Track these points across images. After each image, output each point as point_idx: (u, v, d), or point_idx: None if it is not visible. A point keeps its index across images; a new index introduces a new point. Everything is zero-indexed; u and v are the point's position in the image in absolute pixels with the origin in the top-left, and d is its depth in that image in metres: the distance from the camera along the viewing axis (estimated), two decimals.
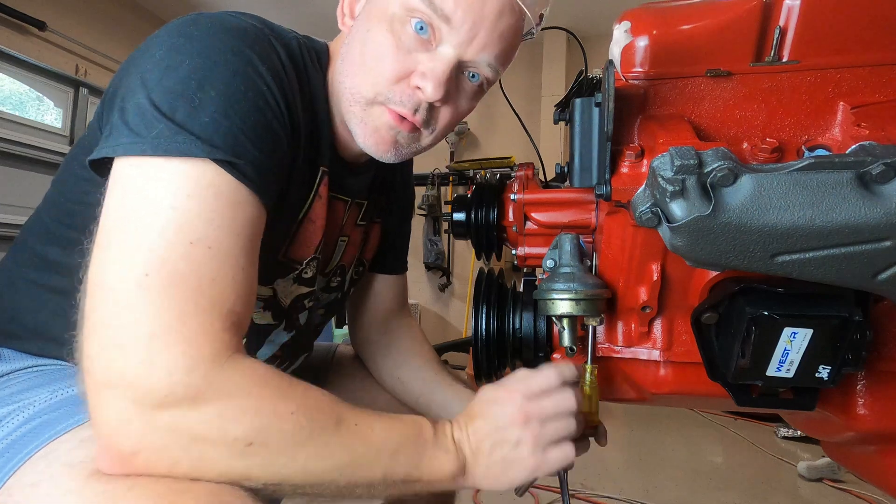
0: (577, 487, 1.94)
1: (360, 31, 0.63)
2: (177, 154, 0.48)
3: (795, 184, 0.42)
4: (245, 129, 0.51)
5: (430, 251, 4.63)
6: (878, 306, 0.57)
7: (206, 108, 0.50)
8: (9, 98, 3.48)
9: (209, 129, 0.49)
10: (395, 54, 0.60)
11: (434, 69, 0.59)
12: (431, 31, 0.59)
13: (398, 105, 0.62)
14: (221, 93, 0.51)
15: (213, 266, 0.48)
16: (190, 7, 4.27)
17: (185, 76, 0.50)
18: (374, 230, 0.89)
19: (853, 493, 1.97)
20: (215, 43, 0.53)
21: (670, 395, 0.67)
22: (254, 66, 0.54)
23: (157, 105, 0.49)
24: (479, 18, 0.59)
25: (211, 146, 0.49)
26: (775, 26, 0.55)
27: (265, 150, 0.53)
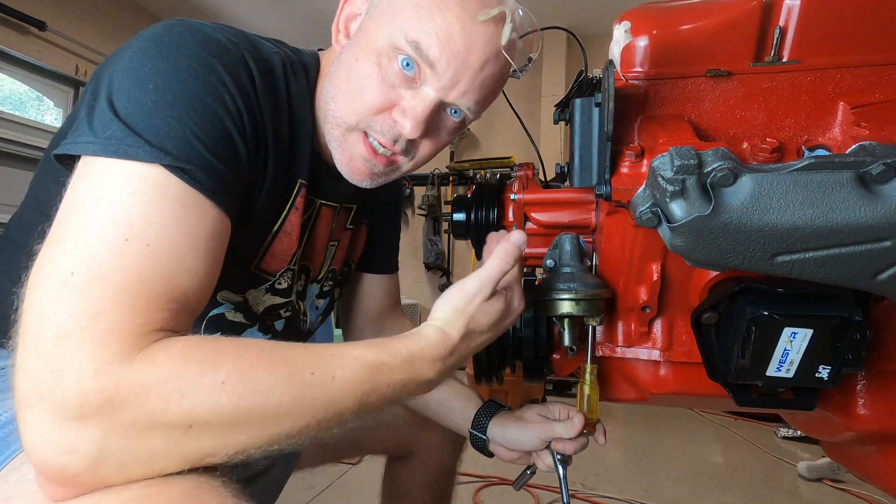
0: (577, 487, 1.94)
1: (349, 57, 0.63)
2: (124, 157, 0.48)
3: (795, 184, 0.42)
4: (200, 134, 0.51)
5: (430, 251, 4.63)
6: (878, 306, 0.57)
7: (159, 112, 0.50)
8: (9, 98, 3.48)
9: (160, 133, 0.49)
10: (380, 86, 0.61)
11: (415, 108, 0.61)
12: (417, 69, 0.60)
13: (378, 134, 0.63)
14: (178, 97, 0.51)
15: (146, 264, 0.45)
16: (190, 7, 4.27)
17: (145, 79, 0.51)
18: (361, 231, 0.89)
19: (853, 493, 1.97)
20: (182, 50, 0.53)
21: (670, 395, 0.67)
22: (218, 75, 0.54)
23: (115, 106, 0.50)
24: (462, 67, 0.60)
25: (160, 150, 0.48)
26: (775, 26, 0.55)
27: (221, 158, 0.53)
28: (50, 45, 3.57)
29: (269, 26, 4.57)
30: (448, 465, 1.01)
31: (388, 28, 0.60)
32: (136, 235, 0.46)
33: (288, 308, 0.77)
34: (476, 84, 0.62)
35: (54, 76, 3.56)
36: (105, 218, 0.45)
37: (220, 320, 0.71)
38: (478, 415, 0.82)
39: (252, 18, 4.46)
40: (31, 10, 3.35)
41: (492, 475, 2.02)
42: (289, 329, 0.80)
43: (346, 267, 0.89)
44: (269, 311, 0.75)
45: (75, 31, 3.71)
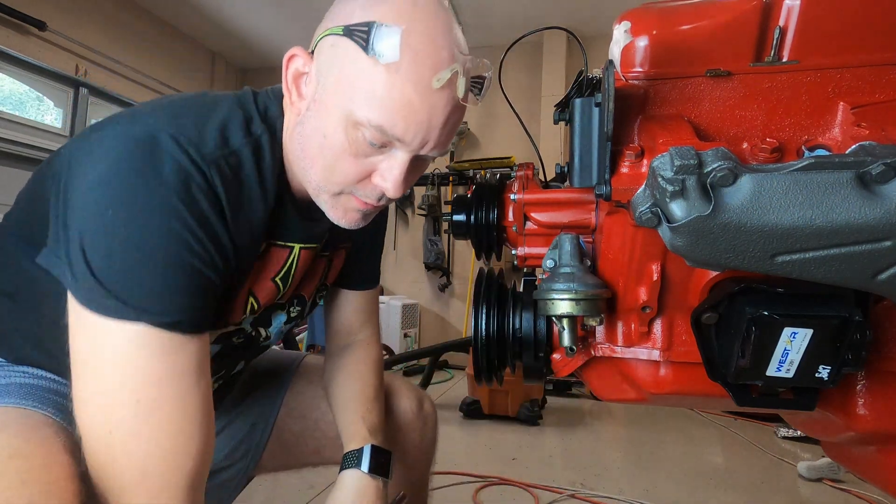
0: (577, 487, 1.94)
1: (317, 127, 0.63)
2: (110, 316, 0.54)
3: (795, 184, 0.42)
4: (172, 284, 0.56)
5: (430, 251, 4.63)
6: (878, 306, 0.57)
7: (131, 272, 0.54)
8: (9, 98, 3.48)
9: (135, 294, 0.54)
10: (353, 162, 0.63)
11: (392, 170, 0.63)
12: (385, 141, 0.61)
13: (363, 196, 0.66)
14: (146, 253, 0.54)
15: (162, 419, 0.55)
16: (190, 7, 4.26)
17: (111, 232, 0.54)
18: (337, 256, 0.89)
19: (853, 493, 1.97)
20: (143, 194, 0.55)
21: (670, 395, 0.67)
22: (180, 218, 0.56)
23: (87, 257, 0.54)
24: (428, 130, 0.61)
25: (139, 310, 0.54)
26: (775, 26, 0.55)
27: (195, 295, 0.58)
28: (50, 45, 3.58)
29: (270, 26, 4.57)
30: (416, 478, 0.99)
31: (348, 105, 0.59)
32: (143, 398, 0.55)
33: (240, 335, 0.79)
34: (443, 137, 0.63)
35: (54, 76, 3.56)
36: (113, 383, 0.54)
37: None
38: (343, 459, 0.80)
39: (252, 18, 4.45)
40: (31, 10, 3.36)
41: (492, 475, 2.02)
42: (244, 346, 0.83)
43: (321, 290, 0.90)
44: (220, 338, 0.77)
45: (75, 31, 3.71)
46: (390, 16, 0.58)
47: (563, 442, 2.52)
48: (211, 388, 0.61)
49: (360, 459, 0.78)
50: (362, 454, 0.79)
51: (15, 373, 0.68)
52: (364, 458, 0.78)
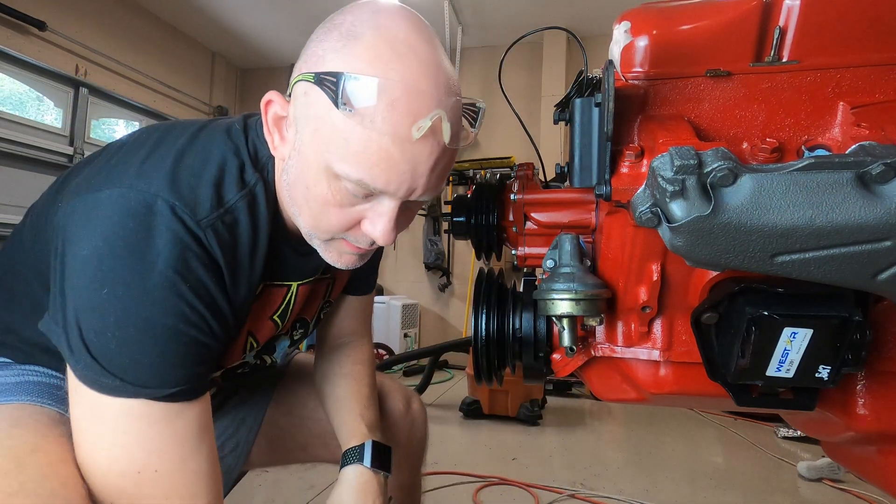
0: (577, 487, 1.94)
1: (300, 177, 0.60)
2: (104, 392, 0.54)
3: (795, 184, 0.42)
4: (169, 357, 0.55)
5: (430, 251, 4.63)
6: (878, 306, 0.57)
7: (126, 350, 0.54)
8: (9, 98, 3.49)
9: (130, 371, 0.54)
10: (339, 212, 0.60)
11: (381, 218, 0.60)
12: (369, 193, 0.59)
13: (355, 242, 0.64)
14: (140, 329, 0.54)
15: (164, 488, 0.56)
16: (190, 7, 4.26)
17: (105, 310, 0.53)
18: (339, 276, 0.88)
19: (853, 493, 1.97)
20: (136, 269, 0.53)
21: (670, 395, 0.67)
22: (175, 290, 0.54)
23: (83, 333, 0.54)
24: (413, 178, 0.57)
25: (136, 386, 0.54)
26: (775, 26, 0.55)
27: (193, 363, 0.58)
28: (50, 45, 3.58)
29: (270, 26, 4.56)
30: (406, 479, 0.99)
31: (325, 156, 0.56)
32: (143, 467, 0.55)
33: (245, 367, 0.80)
34: (433, 182, 0.59)
35: (54, 76, 3.56)
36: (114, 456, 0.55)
37: None
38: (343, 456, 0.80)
39: (252, 18, 4.45)
40: (31, 10, 3.36)
41: (492, 475, 2.02)
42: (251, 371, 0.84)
43: (325, 307, 0.90)
44: (226, 373, 0.78)
45: (75, 31, 3.71)
46: (364, 61, 0.54)
47: (563, 442, 2.52)
48: (215, 447, 0.62)
49: (363, 455, 0.78)
50: (364, 450, 0.79)
51: (26, 371, 0.69)
52: (366, 454, 0.78)
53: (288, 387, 0.98)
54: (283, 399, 0.97)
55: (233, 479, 0.99)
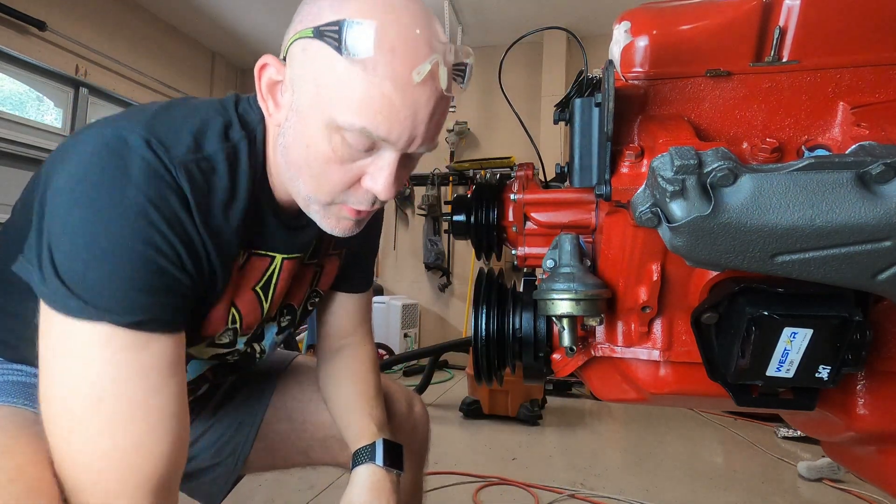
0: (577, 487, 1.94)
1: (299, 137, 0.61)
2: (71, 315, 0.53)
3: (795, 184, 0.42)
4: (136, 283, 0.54)
5: (430, 251, 4.63)
6: (878, 306, 0.57)
7: (93, 272, 0.53)
8: (9, 98, 3.48)
9: (97, 293, 0.53)
10: (340, 168, 0.61)
11: (382, 171, 0.61)
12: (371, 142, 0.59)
13: (356, 204, 0.64)
14: (108, 251, 0.53)
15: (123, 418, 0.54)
16: (190, 7, 4.26)
17: (75, 232, 0.53)
18: (330, 263, 0.88)
19: (853, 493, 1.97)
20: (108, 193, 0.54)
21: (670, 395, 0.67)
22: (146, 216, 0.55)
23: (53, 258, 0.54)
24: (413, 126, 0.58)
25: (103, 310, 0.53)
26: (775, 26, 0.55)
27: (162, 293, 0.57)
28: (50, 45, 3.57)
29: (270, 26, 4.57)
30: (408, 483, 0.98)
31: (327, 111, 0.57)
32: (106, 396, 0.53)
33: (235, 354, 0.79)
34: (431, 131, 0.61)
35: (54, 76, 3.56)
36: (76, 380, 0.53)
37: None
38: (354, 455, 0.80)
39: (252, 18, 4.45)
40: (31, 10, 3.35)
41: (492, 475, 2.02)
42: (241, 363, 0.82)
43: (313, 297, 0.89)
44: (214, 357, 0.77)
45: (75, 31, 3.71)
46: (361, 11, 0.55)
47: (563, 442, 2.52)
48: (185, 388, 0.60)
49: (374, 454, 0.78)
50: (375, 449, 0.79)
51: (9, 371, 0.68)
52: (378, 452, 0.78)
53: (287, 392, 0.97)
54: (282, 404, 0.96)
55: (231, 483, 0.99)
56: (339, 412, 0.87)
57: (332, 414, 0.89)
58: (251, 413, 0.96)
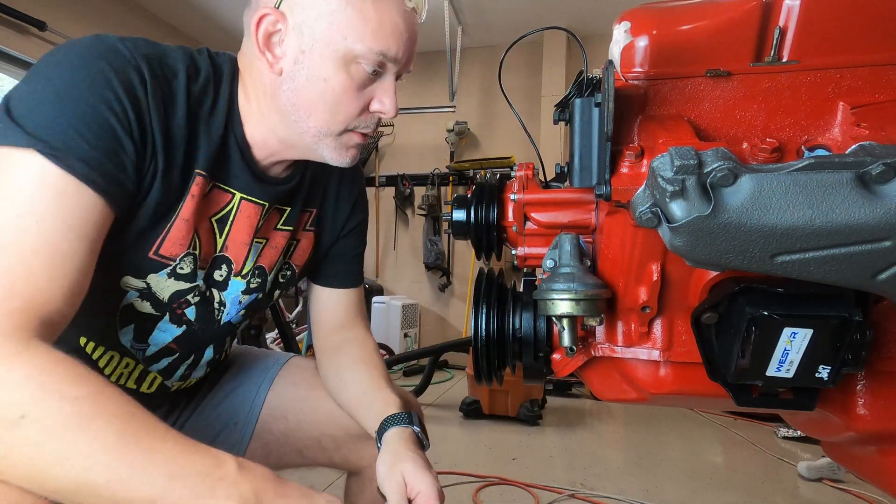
0: (577, 487, 1.94)
1: (313, 76, 0.69)
2: (3, 143, 0.54)
3: (795, 184, 0.42)
4: (80, 127, 0.56)
5: (430, 251, 4.63)
6: (878, 306, 0.57)
7: (42, 108, 0.56)
8: None
9: (39, 124, 0.55)
10: (356, 95, 0.70)
11: (389, 95, 0.72)
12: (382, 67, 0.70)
13: (364, 128, 0.75)
14: (61, 96, 0.56)
15: (23, 250, 0.52)
16: (190, 6, 4.27)
17: (36, 81, 0.58)
18: (304, 237, 0.91)
19: (853, 493, 1.97)
20: (74, 55, 0.59)
21: (670, 395, 0.67)
22: (104, 77, 0.59)
23: (9, 103, 0.56)
24: (410, 46, 0.71)
25: (34, 138, 0.54)
26: (775, 26, 0.55)
27: (102, 149, 0.58)
28: (50, 45, 3.57)
29: None
30: None
31: (342, 44, 0.66)
32: (13, 221, 0.52)
33: (195, 293, 0.79)
34: (414, 53, 0.73)
35: None
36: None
37: (130, 311, 0.75)
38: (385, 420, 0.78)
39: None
40: (31, 10, 3.35)
41: (492, 475, 2.02)
42: (201, 319, 0.82)
43: (287, 270, 0.91)
44: (174, 297, 0.77)
45: (75, 31, 3.70)
46: None
47: (563, 442, 2.52)
48: (94, 261, 0.59)
49: (411, 419, 0.77)
50: (412, 416, 0.78)
51: None
52: (414, 418, 0.78)
53: (282, 392, 0.97)
54: (277, 404, 0.96)
55: None
56: (355, 396, 0.87)
57: (344, 401, 0.89)
58: (246, 413, 0.96)
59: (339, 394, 0.90)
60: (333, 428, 0.93)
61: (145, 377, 0.83)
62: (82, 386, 0.49)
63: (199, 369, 0.89)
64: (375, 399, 0.83)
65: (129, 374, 0.81)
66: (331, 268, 0.96)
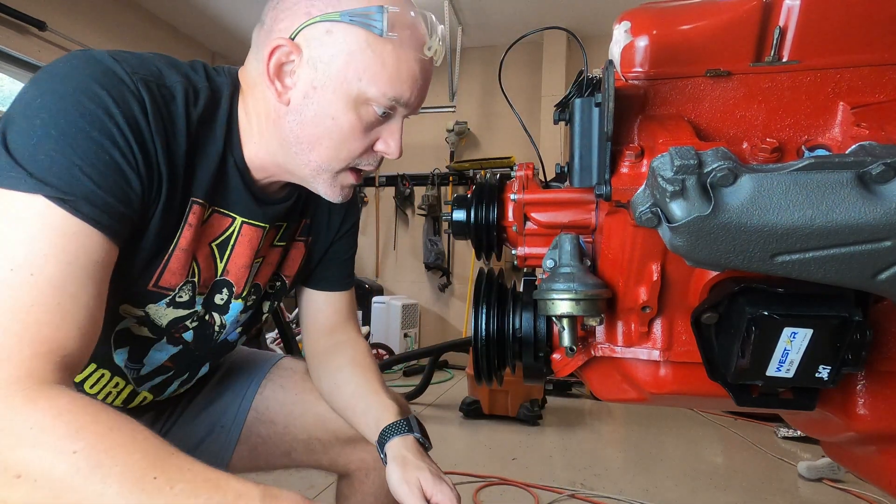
0: (577, 487, 1.94)
1: (322, 113, 0.67)
2: (8, 187, 0.52)
3: (795, 184, 0.42)
4: (84, 166, 0.54)
5: (430, 251, 4.63)
6: (878, 306, 0.57)
7: (43, 146, 0.53)
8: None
9: (42, 166, 0.53)
10: (363, 135, 0.70)
11: (395, 136, 0.72)
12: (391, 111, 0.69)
13: (365, 166, 0.74)
14: (63, 131, 0.54)
15: (32, 293, 0.50)
16: (190, 6, 4.26)
17: (34, 114, 0.54)
18: (295, 248, 0.90)
19: (853, 493, 1.97)
20: (71, 83, 0.56)
21: (670, 395, 0.67)
22: (105, 108, 0.56)
23: (6, 139, 0.54)
24: (423, 89, 0.70)
25: (40, 182, 0.52)
26: (775, 26, 0.55)
27: (107, 188, 0.56)
28: (50, 45, 3.57)
29: None
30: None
31: (356, 85, 0.65)
32: (19, 266, 0.50)
33: (194, 318, 0.78)
34: (425, 96, 0.72)
35: None
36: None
37: (126, 335, 0.74)
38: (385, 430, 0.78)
39: (252, 18, 4.45)
40: (31, 10, 3.35)
41: (492, 475, 2.02)
42: (199, 339, 0.81)
43: (276, 282, 0.90)
44: (173, 323, 0.76)
45: (75, 31, 3.71)
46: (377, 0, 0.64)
47: (563, 442, 2.52)
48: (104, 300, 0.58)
49: (411, 426, 0.78)
50: (410, 422, 0.79)
51: None
52: (413, 425, 0.79)
53: (270, 395, 0.97)
54: (265, 408, 0.96)
55: None
56: (349, 400, 0.87)
57: (339, 404, 0.89)
58: (232, 417, 0.95)
59: (333, 397, 0.90)
60: (322, 431, 0.93)
61: (134, 398, 0.82)
62: (80, 438, 0.46)
63: (191, 383, 0.89)
64: (371, 404, 0.83)
65: (118, 394, 0.80)
66: (323, 271, 0.95)
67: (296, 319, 4.10)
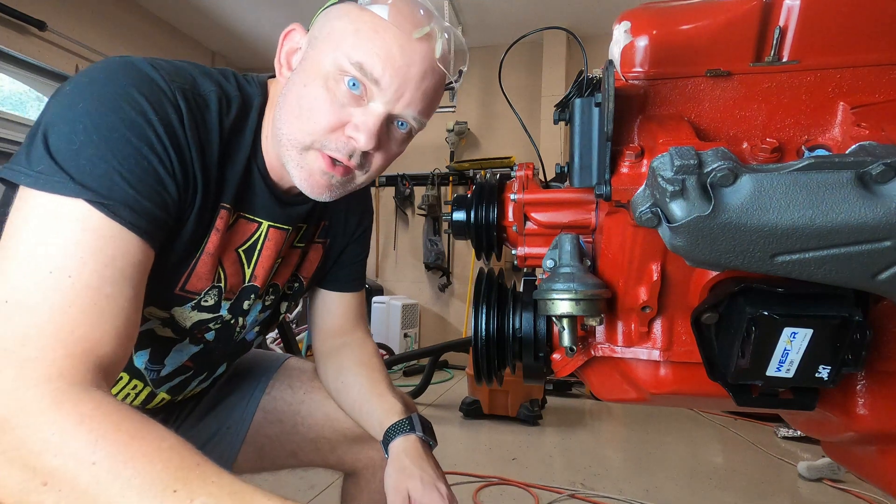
0: (577, 487, 1.94)
1: (297, 84, 0.67)
2: (51, 191, 0.53)
3: (795, 184, 0.42)
4: (123, 172, 0.56)
5: (430, 251, 4.63)
6: (878, 306, 0.57)
7: (85, 151, 0.54)
8: (9, 98, 3.48)
9: (84, 171, 0.54)
10: (330, 107, 0.65)
11: (366, 122, 0.65)
12: (363, 88, 0.65)
13: (333, 151, 0.67)
14: (105, 137, 0.55)
15: (69, 295, 0.51)
16: (190, 6, 4.26)
17: (76, 119, 0.55)
18: (314, 249, 0.91)
19: (853, 493, 1.97)
20: (111, 89, 0.58)
21: (670, 395, 0.67)
22: (144, 115, 0.58)
23: (48, 143, 0.55)
24: (404, 80, 0.65)
25: (82, 187, 0.53)
26: (775, 26, 0.55)
27: (145, 193, 0.57)
28: (50, 45, 3.57)
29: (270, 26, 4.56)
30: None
31: (332, 54, 0.64)
32: (58, 268, 0.51)
33: (217, 321, 0.79)
34: (418, 95, 0.66)
35: (54, 76, 3.56)
36: (28, 251, 0.51)
37: (150, 335, 0.75)
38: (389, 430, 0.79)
39: (252, 18, 4.45)
40: (31, 10, 3.35)
41: (492, 475, 2.02)
42: (220, 339, 0.82)
43: (294, 283, 0.91)
44: (197, 325, 0.77)
45: (75, 31, 3.71)
46: None
47: (563, 442, 2.52)
48: (140, 302, 0.58)
49: (413, 425, 0.79)
50: (413, 421, 0.80)
51: None
52: (416, 424, 0.80)
53: (277, 395, 0.97)
54: (272, 408, 0.96)
55: None
56: (356, 400, 0.87)
57: (346, 404, 0.89)
58: (239, 417, 0.95)
59: (341, 396, 0.91)
60: (330, 430, 0.93)
61: (152, 399, 0.83)
62: (100, 448, 0.45)
63: (207, 383, 0.89)
64: (377, 405, 0.84)
65: (136, 396, 0.81)
66: (336, 272, 0.96)
67: (296, 319, 4.10)
